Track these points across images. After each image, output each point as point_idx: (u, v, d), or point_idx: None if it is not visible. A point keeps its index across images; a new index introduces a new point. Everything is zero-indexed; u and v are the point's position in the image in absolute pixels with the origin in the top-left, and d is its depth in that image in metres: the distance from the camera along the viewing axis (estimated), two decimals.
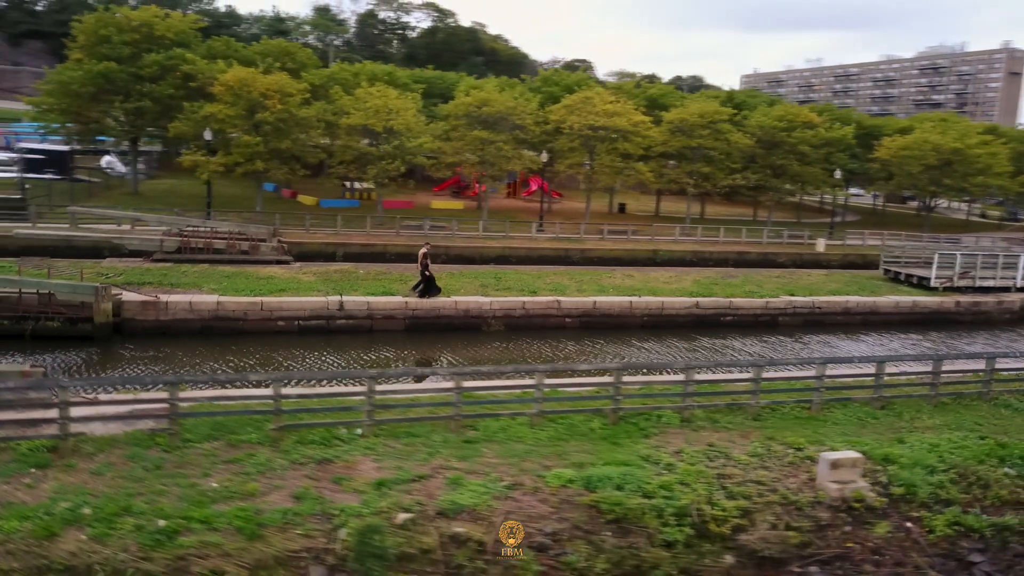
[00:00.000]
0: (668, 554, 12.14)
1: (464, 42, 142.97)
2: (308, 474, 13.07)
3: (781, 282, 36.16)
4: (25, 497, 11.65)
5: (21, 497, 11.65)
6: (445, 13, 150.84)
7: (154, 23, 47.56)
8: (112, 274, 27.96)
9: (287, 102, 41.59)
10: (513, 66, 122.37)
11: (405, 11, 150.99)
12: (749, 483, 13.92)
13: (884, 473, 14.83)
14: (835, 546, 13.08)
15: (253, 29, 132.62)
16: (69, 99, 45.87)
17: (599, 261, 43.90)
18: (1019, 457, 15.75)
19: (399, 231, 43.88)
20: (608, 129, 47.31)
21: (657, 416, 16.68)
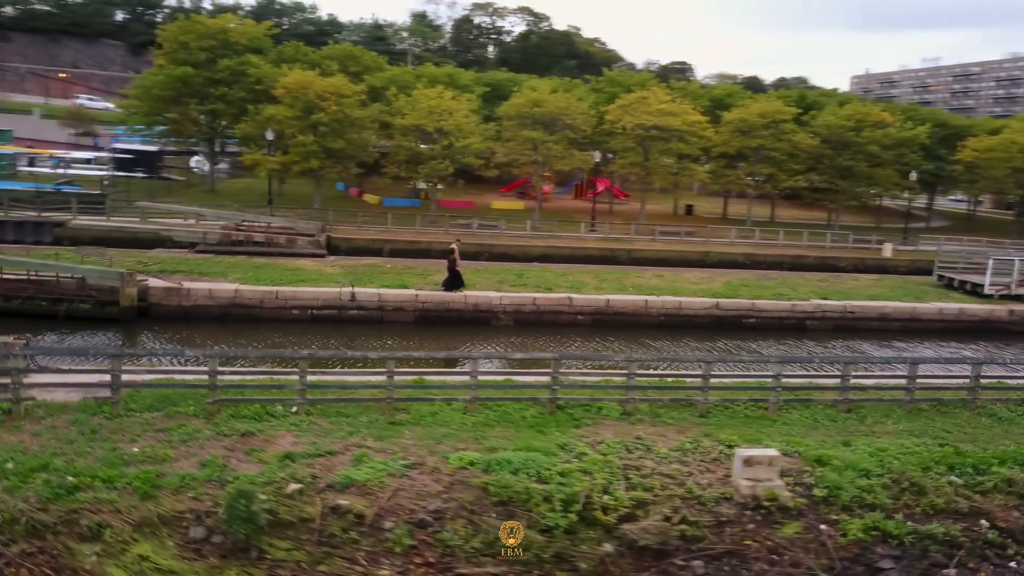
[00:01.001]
0: (544, 539, 12.28)
1: (558, 46, 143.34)
2: (227, 445, 13.90)
3: (820, 286, 34.95)
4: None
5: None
6: (540, 17, 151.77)
7: (229, 30, 50.39)
8: (151, 263, 29.99)
9: (342, 103, 43.24)
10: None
11: (500, 16, 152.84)
12: (657, 476, 13.85)
13: (812, 474, 14.42)
14: (729, 543, 12.87)
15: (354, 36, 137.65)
16: (151, 102, 49.18)
17: (645, 262, 43.47)
18: (972, 466, 14.97)
19: (447, 229, 44.81)
20: (661, 129, 46.79)
21: (598, 408, 16.73)
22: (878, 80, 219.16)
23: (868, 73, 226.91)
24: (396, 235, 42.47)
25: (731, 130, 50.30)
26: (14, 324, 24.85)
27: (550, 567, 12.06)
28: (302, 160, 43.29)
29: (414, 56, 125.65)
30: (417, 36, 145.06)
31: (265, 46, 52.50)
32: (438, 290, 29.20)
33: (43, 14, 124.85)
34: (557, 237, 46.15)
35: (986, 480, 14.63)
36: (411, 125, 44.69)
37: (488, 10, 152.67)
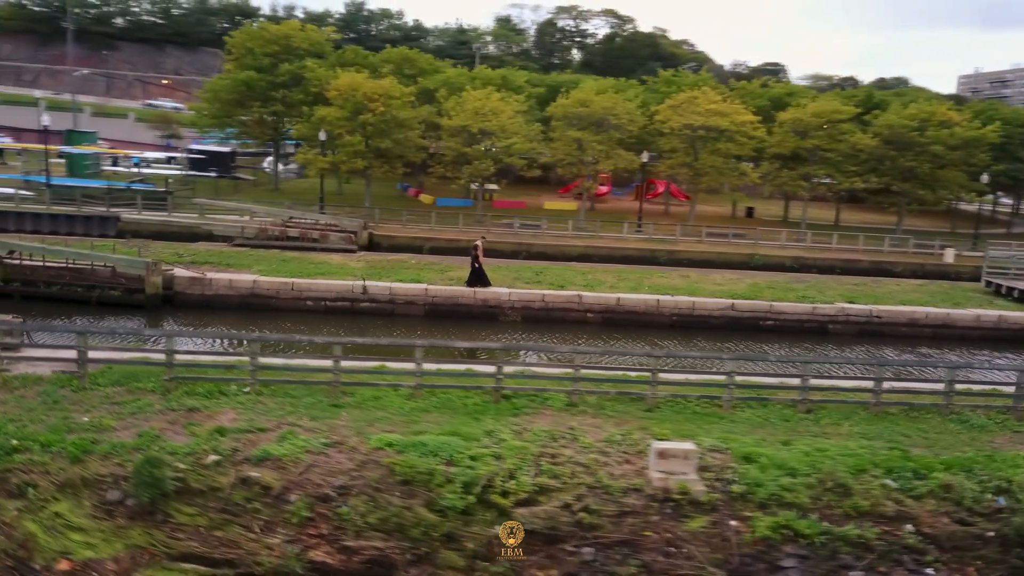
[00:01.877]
0: (437, 518, 12.67)
1: (642, 48, 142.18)
2: (170, 419, 14.87)
3: (853, 289, 33.78)
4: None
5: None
6: (624, 19, 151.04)
7: (292, 35, 52.58)
8: (187, 254, 31.82)
9: (390, 104, 44.52)
10: (693, 71, 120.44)
11: (584, 19, 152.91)
12: (571, 464, 14.01)
13: (736, 471, 14.27)
14: (627, 532, 12.93)
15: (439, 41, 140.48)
16: (219, 105, 51.88)
17: (687, 263, 42.92)
18: (912, 471, 14.47)
19: (489, 229, 45.44)
20: (708, 129, 46.06)
21: (544, 398, 16.96)
22: (988, 80, 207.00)
23: (977, 72, 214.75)
24: (438, 234, 43.35)
25: (787, 131, 49.00)
26: (53, 308, 27.09)
27: (438, 545, 12.45)
28: (349, 160, 44.78)
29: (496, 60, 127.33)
30: (500, 40, 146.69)
31: (326, 50, 54.49)
32: (451, 285, 29.79)
33: (149, 24, 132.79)
34: (599, 237, 46.10)
35: (923, 485, 14.12)
36: (457, 126, 45.54)
37: (572, 13, 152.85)
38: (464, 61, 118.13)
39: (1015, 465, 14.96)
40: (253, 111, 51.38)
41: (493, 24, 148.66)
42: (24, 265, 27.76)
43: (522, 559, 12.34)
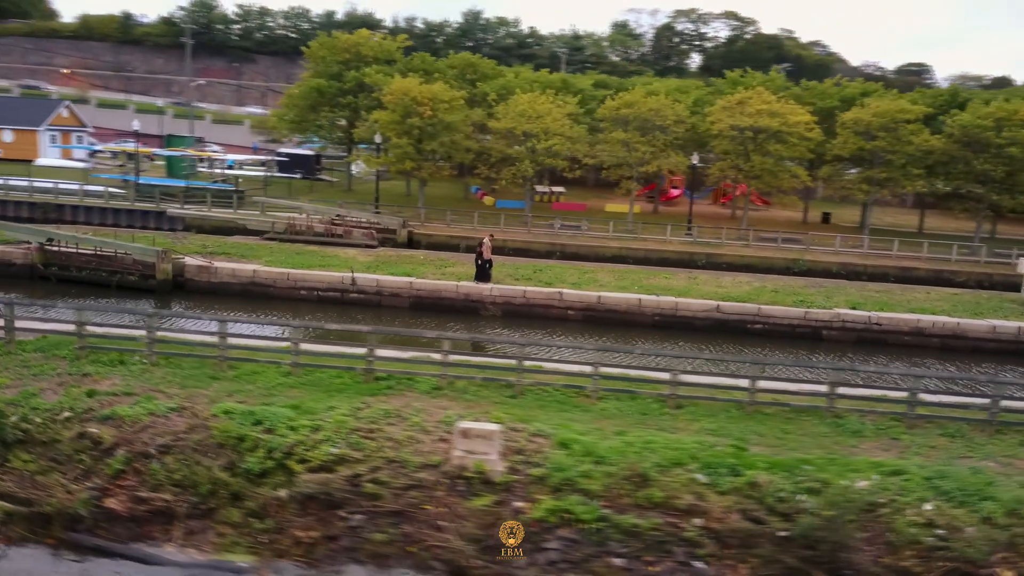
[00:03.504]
0: (229, 477, 13.75)
1: (765, 50, 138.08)
2: (60, 381, 16.72)
3: (869, 296, 32.07)
4: None
5: None
6: (746, 21, 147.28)
7: (362, 44, 55.35)
8: (212, 246, 34.52)
9: (438, 108, 46.11)
10: (819, 72, 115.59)
11: (704, 22, 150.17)
12: (383, 440, 14.72)
13: (546, 455, 14.53)
14: (405, 504, 13.52)
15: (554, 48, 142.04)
16: (296, 110, 55.40)
17: (726, 267, 41.90)
18: (731, 467, 14.20)
19: (530, 229, 46.13)
20: (757, 130, 44.64)
21: (412, 381, 17.69)
22: None
23: None
24: (475, 233, 44.33)
25: (851, 132, 46.68)
26: (82, 290, 30.27)
27: (223, 502, 13.53)
28: (398, 161, 46.72)
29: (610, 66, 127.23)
30: (617, 45, 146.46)
31: (396, 58, 56.90)
32: (442, 280, 30.79)
33: (282, 37, 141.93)
34: (640, 239, 45.68)
35: (732, 481, 13.88)
36: (503, 128, 46.53)
37: (691, 16, 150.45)
38: (576, 67, 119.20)
39: (854, 469, 14.37)
40: (322, 116, 54.42)
41: (610, 30, 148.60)
42: (60, 251, 31.17)
43: (291, 519, 13.19)
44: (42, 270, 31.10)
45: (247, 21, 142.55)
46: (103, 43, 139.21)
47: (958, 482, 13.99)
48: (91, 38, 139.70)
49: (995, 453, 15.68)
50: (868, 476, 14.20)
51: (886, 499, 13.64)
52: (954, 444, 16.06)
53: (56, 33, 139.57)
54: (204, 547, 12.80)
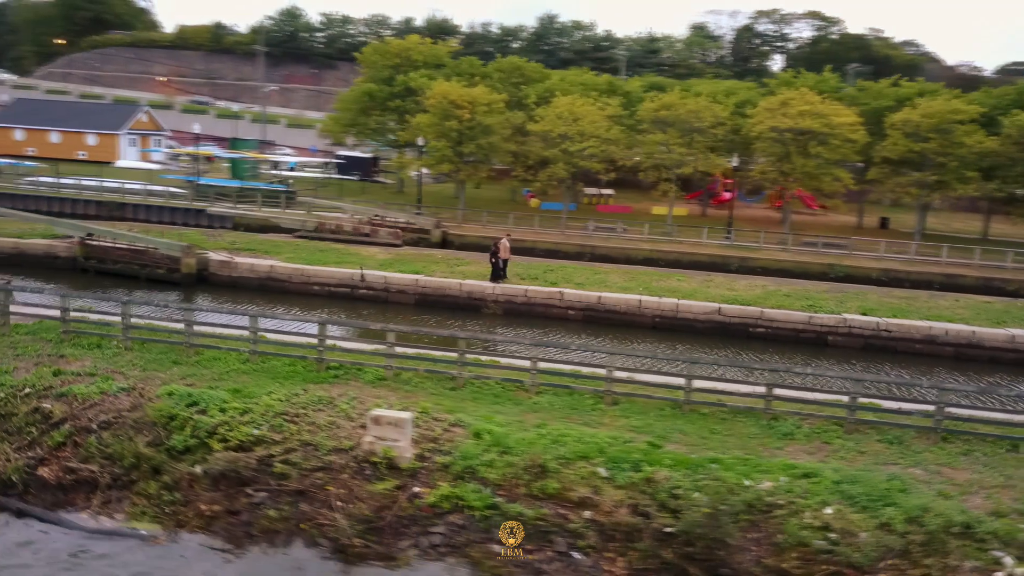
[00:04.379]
0: (152, 452, 14.67)
1: (850, 51, 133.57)
2: (37, 360, 18.12)
3: (887, 302, 30.95)
4: None
5: None
6: (830, 21, 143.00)
7: (412, 49, 56.72)
8: (241, 242, 36.19)
9: (476, 111, 46.87)
10: (907, 74, 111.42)
11: (786, 22, 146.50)
12: (305, 424, 15.40)
13: (456, 444, 14.92)
14: (308, 485, 14.14)
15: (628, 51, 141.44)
16: (348, 114, 57.25)
17: (760, 271, 41.03)
18: (634, 463, 14.27)
19: (564, 230, 46.33)
20: (796, 131, 43.51)
21: (361, 371, 18.36)
22: None
23: None
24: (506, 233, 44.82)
25: (900, 133, 44.95)
26: (117, 282, 32.30)
27: (143, 475, 14.45)
28: (436, 163, 47.70)
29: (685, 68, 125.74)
30: (695, 47, 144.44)
31: (446, 62, 58.02)
32: (449, 278, 31.40)
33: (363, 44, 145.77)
34: (675, 242, 45.24)
35: (631, 477, 13.96)
36: (540, 131, 46.89)
37: (773, 17, 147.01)
38: (651, 70, 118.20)
39: (764, 471, 14.22)
40: (371, 119, 56.01)
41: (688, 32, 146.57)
42: (99, 245, 33.33)
43: (200, 494, 14.00)
44: (83, 262, 33.33)
45: (330, 29, 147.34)
46: (196, 52, 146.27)
47: (867, 487, 13.63)
48: (186, 47, 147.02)
49: (928, 461, 15.14)
50: (776, 478, 14.00)
51: (785, 501, 13.44)
52: (888, 450, 15.58)
53: (155, 43, 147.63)
54: (116, 515, 13.74)
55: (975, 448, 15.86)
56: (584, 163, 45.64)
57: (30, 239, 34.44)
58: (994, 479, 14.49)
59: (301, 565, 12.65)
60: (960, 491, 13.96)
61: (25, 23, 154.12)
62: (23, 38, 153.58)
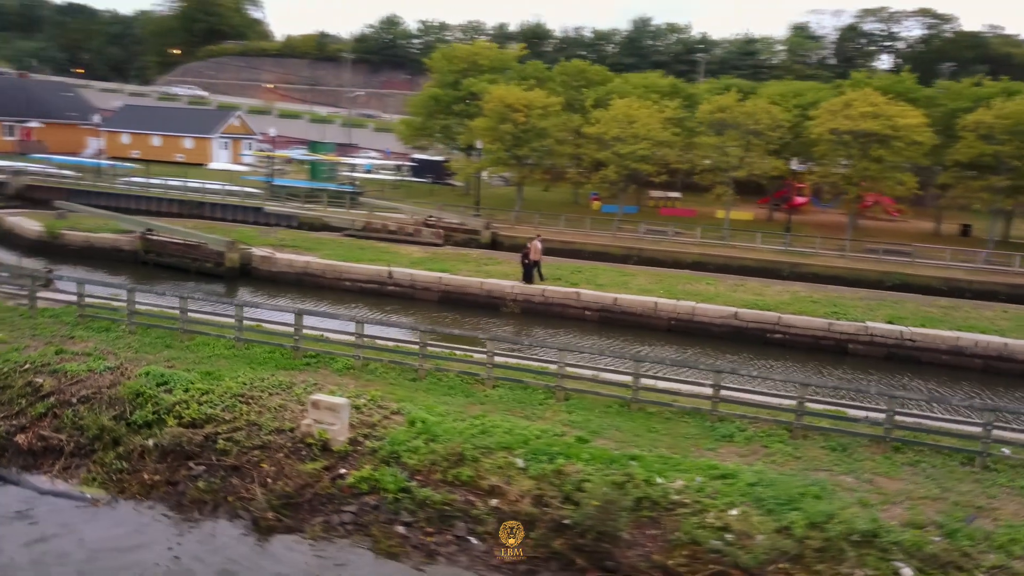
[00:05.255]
0: (113, 425, 15.94)
1: (964, 49, 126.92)
2: (48, 340, 19.87)
3: (923, 310, 29.59)
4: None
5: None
6: (943, 19, 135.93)
7: (479, 54, 57.83)
8: (289, 239, 38.01)
9: (531, 114, 47.45)
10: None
11: (895, 21, 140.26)
12: (256, 406, 16.43)
13: (388, 431, 15.59)
14: (244, 461, 15.09)
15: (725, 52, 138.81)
16: (418, 118, 58.95)
17: (811, 278, 39.72)
18: (550, 455, 14.56)
19: (616, 233, 46.24)
20: (856, 133, 41.90)
21: (333, 360, 19.28)
22: None
23: None
24: (555, 236, 44.97)
25: (974, 135, 42.62)
26: (170, 274, 34.62)
27: (103, 445, 15.73)
28: (491, 165, 48.55)
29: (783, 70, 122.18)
30: (795, 48, 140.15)
31: (512, 66, 58.83)
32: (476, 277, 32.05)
33: None
34: (728, 246, 44.40)
35: (544, 468, 14.24)
36: (595, 133, 47.02)
37: (880, 15, 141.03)
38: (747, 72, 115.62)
39: (682, 470, 14.24)
40: (435, 122, 57.42)
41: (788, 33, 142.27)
42: (157, 240, 35.79)
43: (147, 465, 15.15)
44: (143, 256, 35.87)
45: (427, 36, 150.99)
46: (302, 60, 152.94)
47: (780, 491, 13.45)
48: (292, 55, 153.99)
49: (865, 469, 14.69)
50: (692, 478, 13.98)
51: (691, 500, 13.41)
52: (827, 457, 15.19)
53: (264, 52, 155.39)
54: (71, 480, 15.07)
55: (925, 459, 15.25)
56: (635, 165, 45.40)
57: (100, 233, 37.31)
58: (928, 491, 13.95)
59: (215, 532, 13.57)
60: (884, 500, 13.55)
61: (150, 35, 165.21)
62: (147, 49, 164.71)
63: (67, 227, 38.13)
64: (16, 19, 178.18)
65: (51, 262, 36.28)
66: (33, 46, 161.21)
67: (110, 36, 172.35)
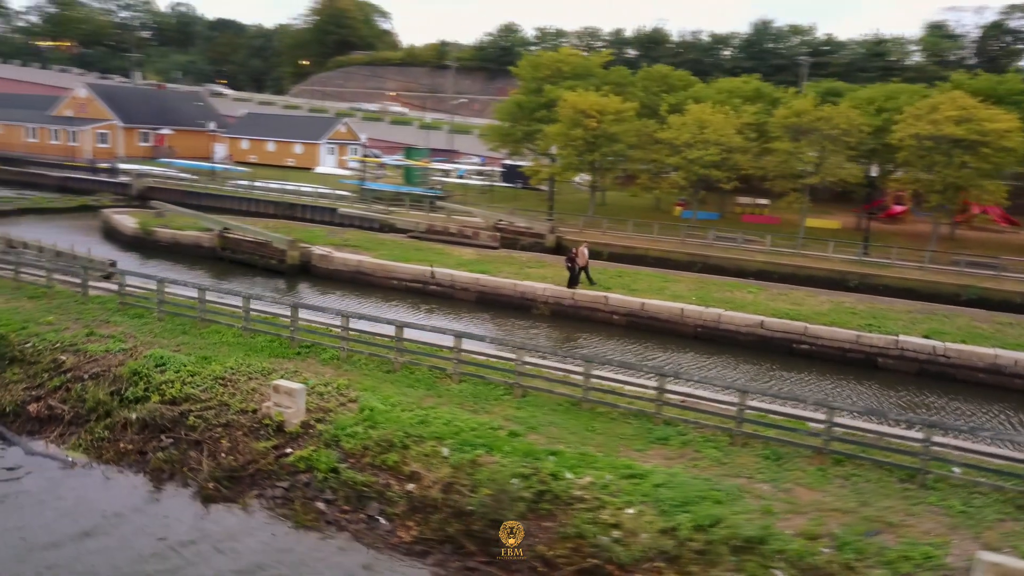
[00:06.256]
0: (111, 401, 17.83)
1: None
2: (87, 323, 22.24)
3: (973, 326, 27.87)
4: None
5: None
6: None
7: (562, 61, 58.48)
8: (354, 240, 40.07)
9: (603, 120, 47.68)
10: None
11: None
12: (231, 388, 17.94)
13: (338, 416, 16.71)
14: (206, 436, 16.58)
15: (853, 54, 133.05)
16: (505, 125, 60.31)
17: (881, 290, 38.00)
18: (473, 446, 15.24)
19: (683, 239, 45.71)
20: (938, 138, 39.54)
21: (322, 350, 20.62)
22: None
23: None
24: (619, 241, 45.06)
25: None
26: (242, 269, 37.38)
27: (98, 417, 17.64)
28: (562, 170, 49.11)
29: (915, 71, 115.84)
30: (931, 48, 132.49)
31: (596, 72, 59.05)
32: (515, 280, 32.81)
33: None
34: (798, 256, 43.00)
35: (463, 457, 14.91)
36: (667, 138, 46.73)
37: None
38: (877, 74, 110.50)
39: (596, 467, 14.59)
40: (518, 128, 58.41)
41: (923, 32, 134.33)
42: (232, 238, 38.67)
43: (125, 435, 16.90)
44: (220, 252, 38.85)
45: (544, 43, 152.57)
46: (423, 68, 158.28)
47: (680, 494, 13.58)
48: (414, 64, 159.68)
49: (787, 479, 14.46)
50: (602, 475, 14.28)
51: (592, 497, 13.74)
52: (755, 464, 15.03)
53: (387, 61, 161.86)
54: (62, 445, 17.04)
55: (863, 473, 14.81)
56: (704, 171, 44.76)
57: (185, 231, 40.68)
58: (845, 504, 13.63)
59: (161, 497, 15.08)
60: (791, 510, 13.39)
61: (286, 48, 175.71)
62: (284, 61, 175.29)
63: (159, 225, 41.78)
64: (174, 35, 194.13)
65: (143, 256, 40.27)
66: (185, 59, 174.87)
67: (252, 49, 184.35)
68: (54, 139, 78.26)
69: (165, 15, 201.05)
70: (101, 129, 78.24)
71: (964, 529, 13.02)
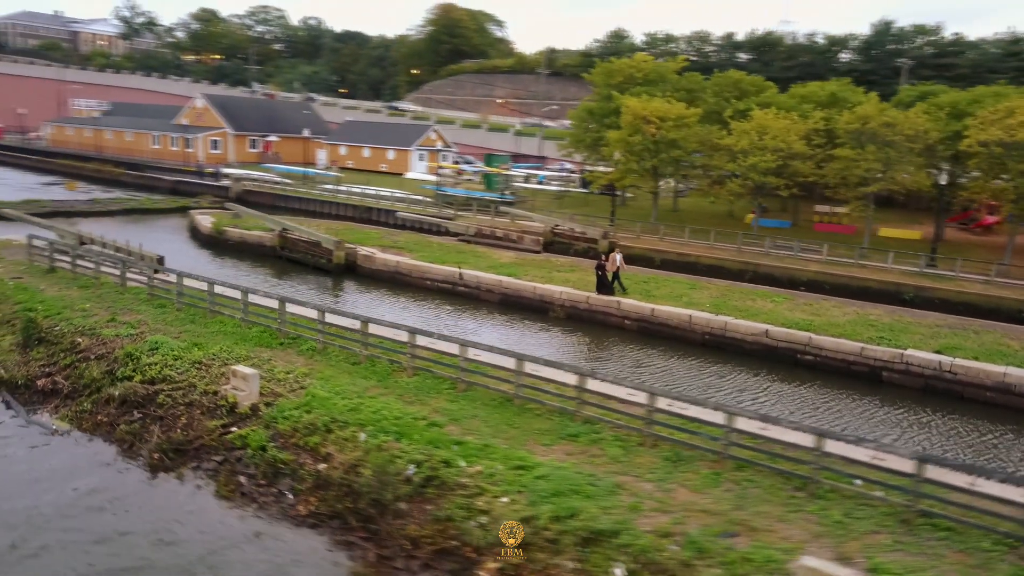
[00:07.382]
0: (103, 379, 20.00)
1: None
2: (112, 309, 24.86)
3: (1001, 342, 26.37)
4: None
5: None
6: None
7: (635, 68, 58.46)
8: (403, 242, 41.89)
9: (663, 126, 47.56)
10: None
11: None
12: (204, 372, 19.74)
13: (285, 401, 18.16)
14: (169, 413, 18.39)
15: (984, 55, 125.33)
16: (578, 131, 61.03)
17: (938, 303, 36.24)
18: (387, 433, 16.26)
19: (740, 247, 44.90)
20: (1007, 145, 37.12)
21: (304, 341, 22.20)
22: None
23: None
24: (676, 247, 44.70)
25: None
26: (296, 268, 39.92)
27: (89, 392, 19.83)
28: (621, 176, 49.29)
29: None
30: None
31: (669, 78, 58.68)
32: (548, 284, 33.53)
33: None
34: (852, 266, 41.36)
35: (369, 443, 15.98)
36: (728, 145, 46.14)
37: None
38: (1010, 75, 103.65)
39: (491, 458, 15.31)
40: (589, 135, 58.87)
41: None
42: (289, 238, 41.26)
43: (104, 409, 18.95)
44: (279, 251, 41.57)
45: (653, 48, 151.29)
46: (531, 75, 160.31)
47: (554, 486, 14.11)
48: (523, 72, 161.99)
49: (672, 480, 14.69)
50: (493, 465, 15.01)
51: (473, 484, 14.49)
52: (651, 464, 15.29)
53: (497, 69, 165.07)
54: (55, 416, 19.29)
55: (758, 480, 14.81)
56: (759, 178, 43.90)
57: (251, 231, 43.71)
58: (718, 507, 13.78)
59: (115, 464, 16.93)
60: (658, 509, 13.68)
61: (403, 57, 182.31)
62: (400, 70, 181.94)
63: (230, 225, 45.05)
64: (303, 47, 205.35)
65: (215, 254, 43.57)
66: (311, 70, 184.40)
67: (372, 59, 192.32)
68: (173, 146, 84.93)
69: (296, 28, 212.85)
70: (214, 136, 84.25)
71: (829, 538, 12.92)
